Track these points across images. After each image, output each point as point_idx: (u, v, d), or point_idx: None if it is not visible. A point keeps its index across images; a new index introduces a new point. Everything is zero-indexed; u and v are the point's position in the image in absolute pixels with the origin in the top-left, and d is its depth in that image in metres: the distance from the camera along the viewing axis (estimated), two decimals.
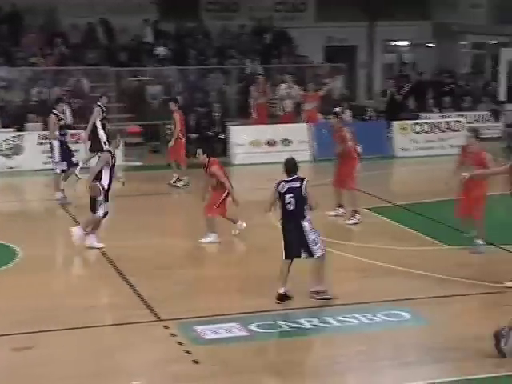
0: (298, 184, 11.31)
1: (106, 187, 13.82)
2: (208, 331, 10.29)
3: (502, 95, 26.40)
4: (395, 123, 23.30)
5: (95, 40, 26.89)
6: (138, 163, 21.59)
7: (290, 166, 11.52)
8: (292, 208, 11.28)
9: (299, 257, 11.38)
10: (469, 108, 25.81)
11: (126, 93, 21.47)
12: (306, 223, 11.30)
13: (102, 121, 20.05)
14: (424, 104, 25.71)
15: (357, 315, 10.87)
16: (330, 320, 10.72)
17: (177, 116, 19.26)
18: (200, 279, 12.61)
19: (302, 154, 21.87)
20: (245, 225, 14.70)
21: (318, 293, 11.44)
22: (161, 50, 26.48)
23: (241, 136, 22.26)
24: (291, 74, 24.79)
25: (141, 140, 23.36)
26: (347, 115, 23.40)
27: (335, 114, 16.48)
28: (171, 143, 19.28)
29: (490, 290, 11.88)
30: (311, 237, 11.28)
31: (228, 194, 14.27)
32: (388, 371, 9.42)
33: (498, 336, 9.39)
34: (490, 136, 25.05)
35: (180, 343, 9.97)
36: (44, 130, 22.16)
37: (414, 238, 14.79)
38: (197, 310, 11.03)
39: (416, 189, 17.28)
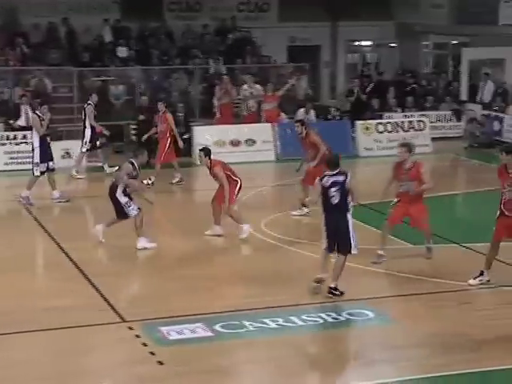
0: (342, 178, 11.54)
1: (122, 197, 13.83)
2: (173, 332, 10.25)
3: (463, 95, 26.60)
4: (358, 123, 23.38)
5: (57, 40, 26.65)
6: (101, 164, 21.42)
7: (334, 161, 11.81)
8: (336, 201, 11.53)
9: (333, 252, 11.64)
10: (431, 108, 25.97)
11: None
12: (349, 216, 11.61)
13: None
14: (386, 104, 25.83)
15: (321, 314, 10.90)
16: (295, 319, 10.72)
17: (169, 116, 19.39)
18: (165, 279, 12.53)
19: (266, 153, 21.91)
20: (222, 233, 14.64)
21: (330, 288, 11.59)
22: (123, 50, 26.33)
23: (205, 136, 22.20)
24: (252, 74, 24.78)
25: (104, 140, 23.21)
26: (311, 115, 23.51)
27: (300, 121, 16.49)
28: (180, 143, 19.47)
29: (453, 288, 11.95)
30: (352, 232, 11.58)
31: (240, 187, 14.39)
32: (353, 370, 9.46)
33: None
34: (452, 136, 25.33)
35: (144, 344, 9.92)
36: (6, 130, 22.00)
37: (378, 237, 14.84)
38: (162, 311, 10.98)
39: (380, 188, 17.16)
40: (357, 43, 31.82)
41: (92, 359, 9.72)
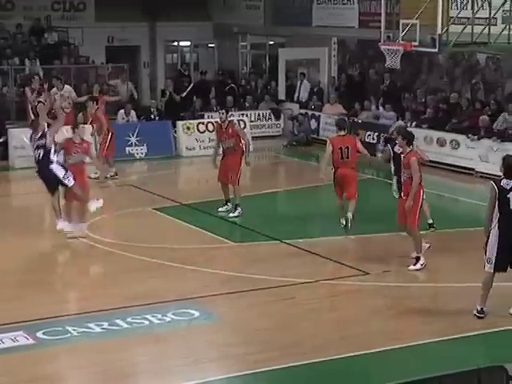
0: None
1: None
2: None
3: (281, 94, 27.17)
4: (180, 123, 23.41)
5: None
6: None
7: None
8: None
9: None
10: (250, 107, 26.36)
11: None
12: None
13: None
14: (208, 104, 26.01)
15: (147, 316, 10.83)
16: (120, 322, 10.61)
17: (101, 114, 19.28)
18: None
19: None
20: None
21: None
22: None
23: (21, 139, 21.53)
24: (59, 78, 24.15)
25: None
26: (132, 116, 23.35)
27: (225, 109, 16.46)
28: (100, 140, 19.29)
29: (275, 284, 12.14)
30: None
31: None
32: (180, 370, 9.44)
33: None
34: (271, 134, 25.83)
35: None
36: None
37: (202, 236, 14.92)
38: None
39: (203, 187, 17.44)
40: (175, 44, 31.90)
41: None
